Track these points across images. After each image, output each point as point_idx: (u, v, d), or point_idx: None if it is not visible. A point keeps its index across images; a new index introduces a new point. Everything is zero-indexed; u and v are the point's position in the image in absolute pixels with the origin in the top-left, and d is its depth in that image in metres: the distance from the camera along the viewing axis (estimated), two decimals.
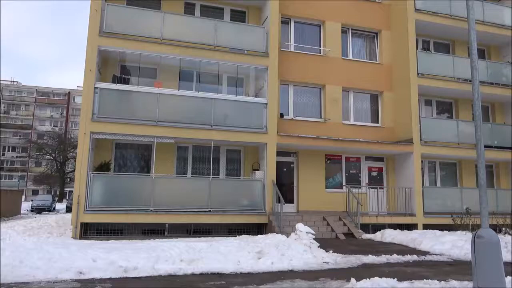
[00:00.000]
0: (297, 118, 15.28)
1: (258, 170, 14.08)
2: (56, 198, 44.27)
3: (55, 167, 54.07)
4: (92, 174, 11.97)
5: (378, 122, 16.55)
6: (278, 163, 13.97)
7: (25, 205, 34.42)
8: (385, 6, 17.08)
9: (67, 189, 58.30)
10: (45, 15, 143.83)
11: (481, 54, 18.47)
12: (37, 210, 32.87)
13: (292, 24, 16.03)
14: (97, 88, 12.30)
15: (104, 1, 12.98)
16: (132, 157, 13.85)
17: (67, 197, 50.86)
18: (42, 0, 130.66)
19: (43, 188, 64.12)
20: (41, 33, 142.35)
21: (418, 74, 15.63)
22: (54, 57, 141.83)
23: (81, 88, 12.72)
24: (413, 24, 15.86)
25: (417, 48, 16.39)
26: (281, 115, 14.98)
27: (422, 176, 15.93)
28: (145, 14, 13.20)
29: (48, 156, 55.27)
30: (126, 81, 13.68)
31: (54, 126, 74.34)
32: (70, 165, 54.61)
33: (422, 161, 15.77)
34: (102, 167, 12.74)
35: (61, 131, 66.95)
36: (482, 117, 13.05)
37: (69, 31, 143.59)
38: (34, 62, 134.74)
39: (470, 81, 5.80)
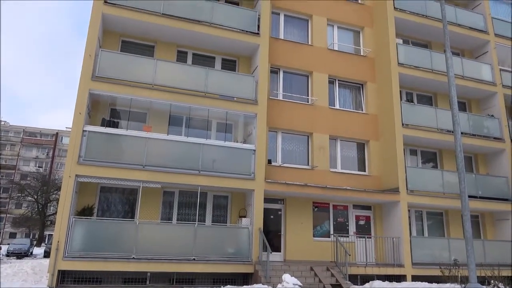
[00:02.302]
0: (285, 165, 15.34)
1: (244, 217, 13.87)
2: (35, 242, 42.43)
3: (36, 209, 52.32)
4: (73, 219, 11.62)
5: (365, 171, 16.69)
6: (265, 210, 13.82)
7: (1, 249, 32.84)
8: (370, 60, 17.86)
9: (47, 233, 56.07)
10: (39, 56, 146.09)
11: (462, 107, 19.18)
12: (14, 255, 31.37)
13: (281, 73, 16.56)
14: (86, 131, 12.24)
15: (98, 47, 13.31)
16: (117, 201, 13.56)
17: (46, 241, 48.80)
18: (36, 41, 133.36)
19: (22, 231, 61.58)
20: (34, 73, 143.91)
21: (402, 124, 16.07)
22: (45, 97, 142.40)
23: (70, 129, 12.65)
24: (396, 77, 16.55)
25: (401, 100, 16.98)
26: (269, 161, 15.05)
27: (410, 225, 15.89)
28: (138, 61, 13.51)
29: (29, 198, 53.61)
30: (115, 125, 13.71)
31: (39, 166, 72.89)
32: (52, 207, 52.92)
33: (409, 210, 15.81)
34: (85, 211, 12.41)
35: (45, 172, 65.60)
36: (466, 168, 13.29)
37: (62, 73, 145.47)
38: (25, 101, 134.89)
39: (453, 132, 6.01)
